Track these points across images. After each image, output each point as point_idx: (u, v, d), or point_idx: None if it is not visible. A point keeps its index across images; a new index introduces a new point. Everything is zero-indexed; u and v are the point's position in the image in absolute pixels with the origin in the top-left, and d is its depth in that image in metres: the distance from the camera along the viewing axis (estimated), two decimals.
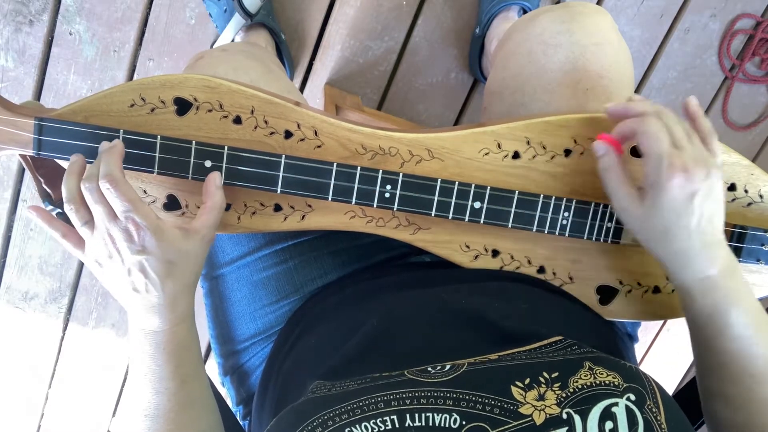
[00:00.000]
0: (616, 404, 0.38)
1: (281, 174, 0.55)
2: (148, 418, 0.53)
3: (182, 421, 0.53)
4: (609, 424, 0.37)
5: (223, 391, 0.74)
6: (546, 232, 0.59)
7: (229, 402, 0.74)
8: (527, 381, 0.40)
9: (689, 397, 0.60)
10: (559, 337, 0.47)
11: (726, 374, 0.50)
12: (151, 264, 0.48)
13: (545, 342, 0.47)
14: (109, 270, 0.50)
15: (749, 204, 0.62)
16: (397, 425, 0.38)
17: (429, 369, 0.43)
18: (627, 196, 0.53)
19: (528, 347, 0.46)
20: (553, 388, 0.40)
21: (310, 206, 0.59)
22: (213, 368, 0.75)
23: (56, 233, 0.51)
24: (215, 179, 0.53)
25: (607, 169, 0.54)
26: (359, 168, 0.55)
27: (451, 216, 0.57)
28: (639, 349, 1.49)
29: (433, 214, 0.57)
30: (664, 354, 1.48)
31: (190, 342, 0.54)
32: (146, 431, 0.53)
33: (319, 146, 0.58)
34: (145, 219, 0.48)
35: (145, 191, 0.57)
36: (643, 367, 1.47)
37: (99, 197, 0.48)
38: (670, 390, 1.39)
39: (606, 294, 0.64)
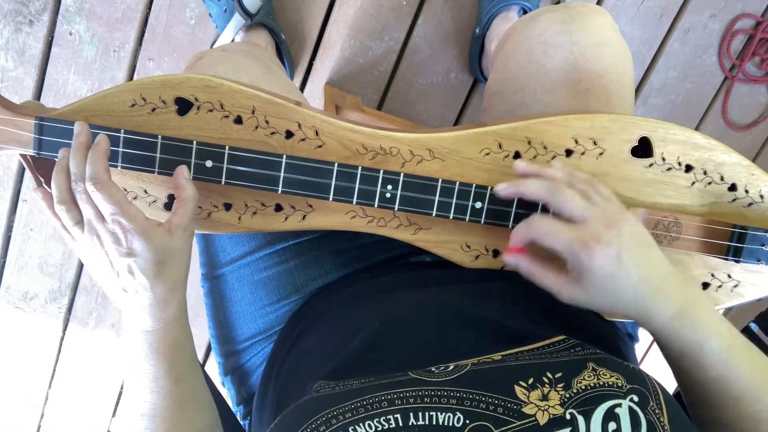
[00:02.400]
0: (619, 405, 0.38)
1: (282, 174, 0.55)
2: (144, 418, 0.53)
3: (179, 419, 0.53)
4: (612, 425, 0.37)
5: (224, 391, 0.74)
6: None
7: (230, 402, 0.74)
8: (531, 381, 0.40)
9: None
10: (562, 337, 0.48)
11: (712, 402, 0.49)
12: (139, 265, 0.49)
13: (548, 341, 0.47)
14: (100, 270, 0.50)
15: (750, 204, 0.62)
16: (400, 424, 0.38)
17: (433, 369, 0.43)
18: (563, 287, 0.51)
19: (531, 347, 0.46)
20: (557, 389, 0.40)
21: (311, 206, 0.59)
22: (213, 368, 0.75)
23: (58, 222, 0.51)
24: (183, 172, 0.53)
25: (531, 274, 0.53)
26: (360, 168, 0.55)
27: (452, 216, 0.57)
28: (639, 349, 1.49)
29: (434, 214, 0.57)
30: None
31: (184, 340, 0.54)
32: (144, 431, 0.53)
33: (320, 146, 0.58)
34: (132, 221, 0.48)
35: (145, 191, 0.57)
36: (643, 367, 1.46)
37: (87, 198, 0.48)
38: (670, 390, 1.38)
39: None
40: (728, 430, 0.49)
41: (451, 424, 0.38)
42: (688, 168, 0.61)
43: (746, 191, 0.62)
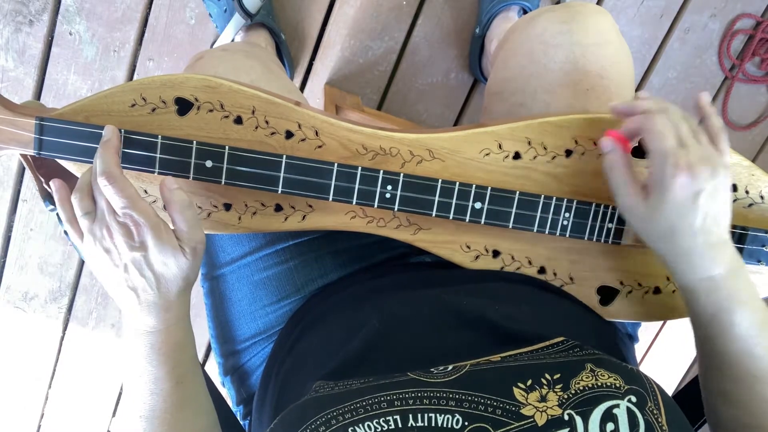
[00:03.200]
0: (617, 406, 0.38)
1: (282, 174, 0.55)
2: (143, 419, 0.53)
3: (177, 422, 0.53)
4: (610, 426, 0.37)
5: (224, 391, 0.74)
6: (547, 232, 0.59)
7: (230, 402, 0.74)
8: (529, 382, 0.40)
9: (690, 397, 0.60)
10: (561, 338, 0.48)
11: (729, 373, 0.49)
12: (148, 261, 0.48)
13: (547, 343, 0.47)
14: (105, 265, 0.49)
15: (750, 205, 0.62)
16: (399, 425, 0.38)
17: (432, 370, 0.43)
18: (632, 194, 0.52)
19: (530, 348, 0.46)
20: (555, 390, 0.40)
21: (310, 206, 0.59)
22: (213, 368, 0.75)
23: (65, 215, 0.51)
24: (167, 184, 0.50)
25: (613, 166, 0.54)
26: (360, 168, 0.55)
27: (452, 216, 0.57)
28: (639, 349, 1.49)
29: (434, 215, 0.57)
30: (664, 354, 1.48)
31: (186, 342, 0.54)
32: None
33: (320, 146, 0.58)
34: (144, 215, 0.47)
35: (146, 191, 0.57)
36: (643, 367, 1.47)
37: (100, 190, 0.48)
38: (670, 390, 1.39)
39: (607, 295, 0.64)
40: (737, 408, 0.49)
41: (450, 426, 0.38)
42: None
43: (746, 192, 0.62)
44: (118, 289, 0.50)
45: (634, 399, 0.39)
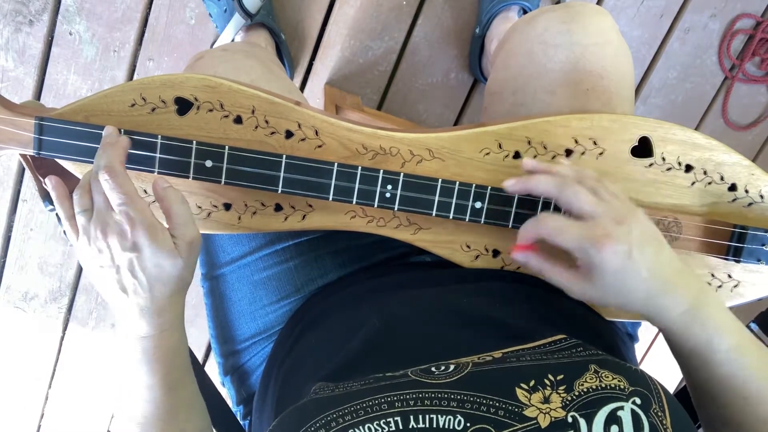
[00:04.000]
0: (621, 408, 0.38)
1: (282, 174, 0.55)
2: (137, 425, 0.52)
3: (170, 428, 0.53)
4: (614, 428, 0.37)
5: (224, 391, 0.74)
6: None
7: (230, 402, 0.74)
8: (532, 383, 0.40)
9: (689, 398, 0.60)
10: (563, 336, 0.47)
11: (720, 400, 0.49)
12: (141, 263, 0.47)
13: (549, 340, 0.47)
14: (98, 266, 0.48)
15: (750, 204, 0.62)
16: (400, 426, 0.38)
17: (433, 369, 0.43)
18: (573, 283, 0.51)
19: (532, 344, 0.46)
20: (559, 391, 0.39)
21: (310, 206, 0.59)
22: (213, 368, 0.75)
23: (63, 213, 0.50)
24: (158, 183, 0.50)
25: (541, 271, 0.52)
26: (360, 168, 0.55)
27: (451, 216, 0.57)
28: (639, 348, 1.49)
29: (433, 214, 0.57)
30: (664, 354, 1.48)
31: (179, 347, 0.53)
32: None
33: (319, 146, 0.58)
34: (141, 213, 0.46)
35: (145, 191, 0.57)
36: (643, 367, 1.46)
37: (99, 187, 0.47)
38: (671, 390, 1.38)
39: None
40: (732, 429, 0.49)
41: (451, 427, 0.38)
42: (688, 168, 0.61)
43: (746, 191, 0.62)
44: (111, 292, 0.49)
45: (638, 401, 0.39)
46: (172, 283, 0.49)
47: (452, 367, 0.43)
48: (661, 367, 1.49)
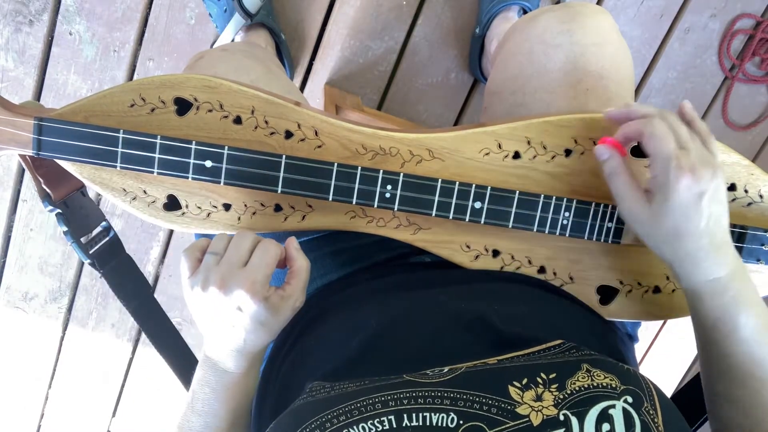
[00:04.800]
0: (613, 406, 0.38)
1: (282, 174, 0.55)
2: None
3: None
4: (606, 426, 0.37)
5: None
6: (546, 232, 0.59)
7: None
8: (525, 381, 0.40)
9: (689, 397, 0.60)
10: (559, 341, 0.47)
11: (732, 377, 0.49)
12: (248, 316, 0.49)
13: (545, 346, 0.47)
14: (207, 302, 0.49)
15: (749, 204, 0.62)
16: (394, 425, 0.38)
17: (428, 372, 0.43)
18: (635, 199, 0.52)
19: (527, 351, 0.46)
20: (551, 389, 0.40)
21: (310, 206, 0.59)
22: None
23: (197, 244, 0.52)
24: (293, 243, 0.53)
25: (613, 173, 0.53)
26: (360, 168, 0.55)
27: (451, 216, 0.57)
28: (639, 349, 1.49)
29: (433, 215, 0.57)
30: (664, 354, 1.48)
31: (252, 389, 0.55)
32: None
33: (319, 146, 0.58)
34: (266, 280, 0.49)
35: (145, 191, 0.57)
36: (643, 368, 1.47)
37: (243, 244, 0.50)
38: (670, 390, 1.39)
39: (606, 294, 0.64)
40: (739, 412, 0.49)
41: (444, 425, 0.38)
42: None
43: (746, 191, 0.62)
44: (210, 325, 0.51)
45: (630, 399, 0.39)
46: (267, 338, 0.52)
47: (446, 369, 0.43)
48: (662, 367, 1.49)
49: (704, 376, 0.53)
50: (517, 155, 0.59)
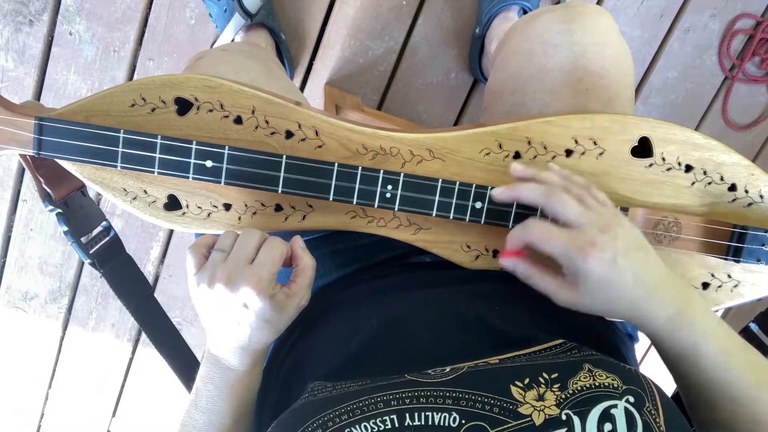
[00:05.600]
0: (615, 406, 0.38)
1: (282, 174, 0.55)
2: None
3: None
4: (608, 426, 0.37)
5: None
6: None
7: None
8: (527, 381, 0.40)
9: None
10: (560, 341, 0.47)
11: (708, 403, 0.49)
12: (253, 314, 0.49)
13: (546, 345, 0.47)
14: (213, 298, 0.49)
15: (749, 204, 0.62)
16: (396, 425, 0.38)
17: (429, 372, 0.43)
18: (559, 289, 0.51)
19: (528, 351, 0.46)
20: (553, 389, 0.40)
21: (310, 206, 0.59)
22: None
23: (203, 240, 0.52)
24: (299, 242, 0.53)
25: (527, 277, 0.53)
26: (360, 168, 0.55)
27: (452, 216, 0.57)
28: (639, 349, 1.49)
29: (434, 215, 0.57)
30: None
31: (255, 386, 0.55)
32: None
33: (320, 146, 0.58)
34: (272, 277, 0.49)
35: (145, 191, 0.57)
36: (643, 367, 1.46)
37: (249, 242, 0.50)
38: (670, 390, 1.38)
39: None
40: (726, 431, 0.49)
41: (447, 424, 0.38)
42: (688, 168, 0.61)
43: (746, 191, 0.62)
44: (215, 321, 0.50)
45: (631, 399, 0.39)
46: (272, 336, 0.51)
47: (448, 368, 0.43)
48: (661, 368, 1.49)
49: (687, 407, 0.53)
50: (517, 155, 0.59)
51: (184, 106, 0.55)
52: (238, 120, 0.56)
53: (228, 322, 0.49)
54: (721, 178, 0.61)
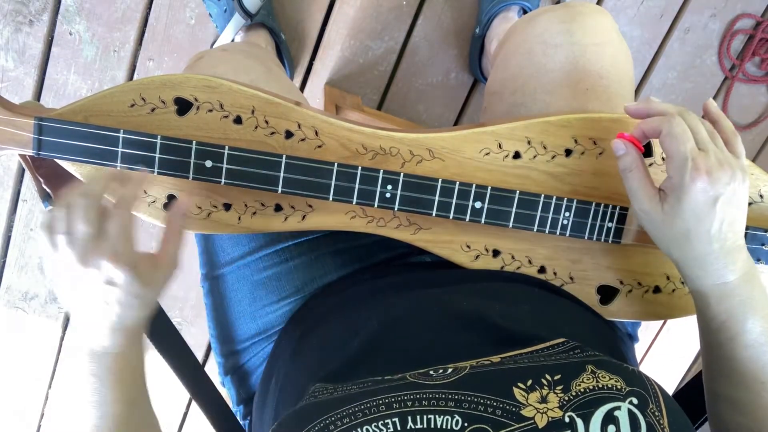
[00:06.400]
0: (618, 408, 0.38)
1: (282, 174, 0.55)
2: None
3: None
4: (612, 428, 0.37)
5: (224, 392, 0.74)
6: (547, 232, 0.59)
7: (230, 402, 0.74)
8: (529, 383, 0.40)
9: (689, 397, 0.60)
10: (562, 340, 0.47)
11: (736, 380, 0.49)
12: (122, 290, 0.46)
13: (548, 344, 0.47)
14: (77, 276, 0.46)
15: (749, 204, 0.62)
16: (398, 427, 0.38)
17: (431, 372, 0.43)
18: (648, 197, 0.51)
19: (530, 349, 0.46)
20: (556, 391, 0.39)
21: (310, 206, 0.59)
22: (213, 368, 0.75)
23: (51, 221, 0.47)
24: (179, 207, 0.52)
25: (628, 168, 0.52)
26: (360, 168, 0.55)
27: (452, 216, 0.57)
28: (639, 349, 1.49)
29: (434, 214, 0.57)
30: (664, 354, 1.48)
31: (139, 364, 0.52)
32: None
33: (319, 146, 0.58)
34: (132, 248, 0.46)
35: (145, 191, 0.57)
36: (643, 367, 1.47)
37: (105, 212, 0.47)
38: (670, 390, 1.38)
39: (606, 294, 0.64)
40: (740, 412, 0.49)
41: (449, 427, 0.38)
42: None
43: None
44: (84, 306, 0.47)
45: (635, 401, 0.39)
46: (146, 311, 0.49)
47: (450, 369, 0.43)
48: (662, 367, 1.49)
49: (706, 377, 0.53)
50: (517, 155, 0.59)
51: (183, 106, 0.55)
52: (238, 120, 0.56)
53: (95, 303, 0.47)
54: None
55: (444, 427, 0.38)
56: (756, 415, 0.48)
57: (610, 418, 0.37)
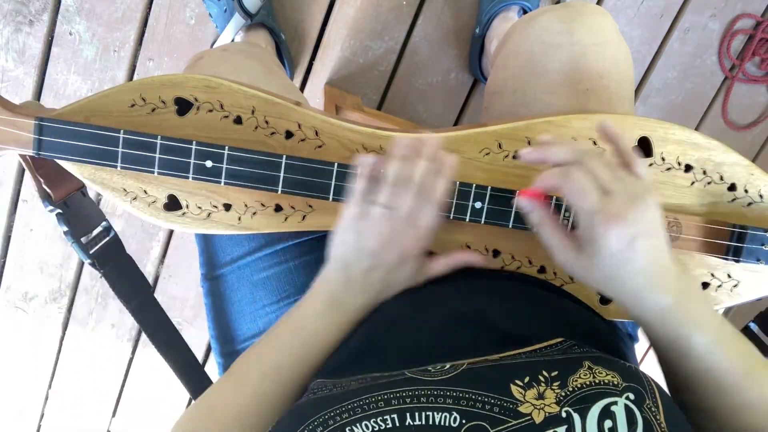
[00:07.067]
0: (615, 403, 0.38)
1: (282, 174, 0.55)
2: (262, 376, 0.52)
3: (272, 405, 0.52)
4: (608, 423, 0.37)
5: None
6: None
7: None
8: (526, 379, 0.40)
9: None
10: (560, 339, 0.47)
11: (694, 390, 0.49)
12: (391, 268, 0.53)
13: (546, 344, 0.47)
14: (382, 216, 0.52)
15: (749, 204, 0.62)
16: (397, 424, 0.38)
17: (429, 368, 0.43)
18: (564, 250, 0.50)
19: (529, 348, 0.46)
20: (553, 387, 0.40)
21: (310, 206, 0.59)
22: (213, 368, 0.75)
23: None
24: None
25: (540, 225, 0.52)
26: None
27: (452, 216, 0.57)
28: (639, 349, 1.49)
29: None
30: None
31: (330, 345, 0.54)
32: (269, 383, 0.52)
33: (319, 146, 0.58)
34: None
35: (145, 191, 0.57)
36: (643, 367, 1.46)
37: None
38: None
39: None
40: (706, 417, 0.49)
41: (447, 424, 0.38)
42: (688, 168, 0.61)
43: (746, 191, 0.62)
44: (369, 245, 0.53)
45: (632, 396, 0.39)
46: (364, 297, 0.55)
47: (448, 365, 0.43)
48: None
49: (671, 391, 0.53)
50: (517, 155, 0.59)
51: (183, 106, 0.55)
52: (238, 120, 0.56)
53: (386, 245, 0.52)
54: (721, 178, 0.61)
55: (442, 423, 0.38)
56: (723, 418, 0.48)
57: (606, 413, 0.38)
